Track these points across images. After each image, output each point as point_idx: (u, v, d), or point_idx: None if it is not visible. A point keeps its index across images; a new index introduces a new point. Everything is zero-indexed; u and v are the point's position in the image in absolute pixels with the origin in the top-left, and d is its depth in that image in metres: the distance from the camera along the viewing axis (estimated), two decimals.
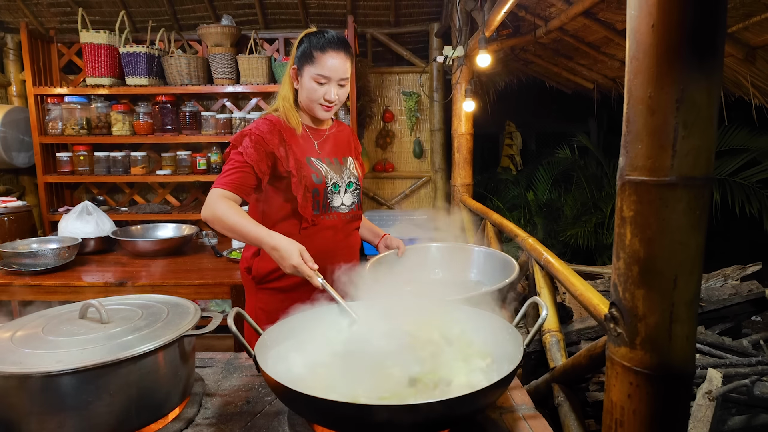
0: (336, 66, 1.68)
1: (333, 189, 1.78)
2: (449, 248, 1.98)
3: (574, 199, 5.89)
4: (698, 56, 0.92)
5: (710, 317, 2.91)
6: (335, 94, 1.72)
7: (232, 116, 4.03)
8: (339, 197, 1.80)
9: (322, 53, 1.67)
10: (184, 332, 1.12)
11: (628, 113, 1.03)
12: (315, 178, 1.74)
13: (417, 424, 0.96)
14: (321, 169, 1.77)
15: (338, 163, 1.83)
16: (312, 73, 1.69)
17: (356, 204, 1.86)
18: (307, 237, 1.73)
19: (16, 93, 4.35)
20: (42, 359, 1.01)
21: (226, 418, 1.17)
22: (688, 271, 1.01)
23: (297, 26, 4.45)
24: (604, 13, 2.97)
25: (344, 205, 1.81)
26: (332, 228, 1.80)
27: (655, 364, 1.06)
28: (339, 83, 1.72)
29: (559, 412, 1.88)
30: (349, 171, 1.85)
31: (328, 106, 1.74)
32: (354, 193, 1.85)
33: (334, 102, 1.73)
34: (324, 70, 1.68)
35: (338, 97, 1.73)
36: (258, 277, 1.81)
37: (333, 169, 1.80)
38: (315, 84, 1.70)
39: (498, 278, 1.69)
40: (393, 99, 5.04)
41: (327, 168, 1.78)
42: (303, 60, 1.71)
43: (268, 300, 1.81)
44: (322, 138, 1.84)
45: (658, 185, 0.99)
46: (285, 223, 1.77)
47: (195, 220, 4.05)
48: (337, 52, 1.69)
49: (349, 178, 1.84)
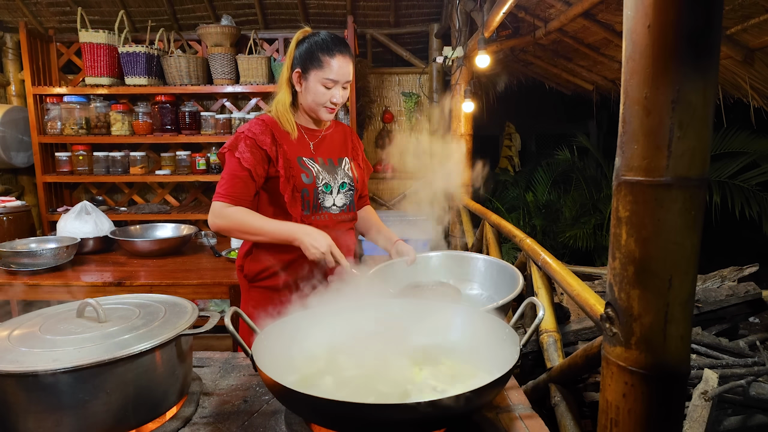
0: (344, 69, 1.71)
1: (324, 189, 1.79)
2: (449, 257, 1.93)
3: (573, 201, 5.90)
4: (694, 56, 0.93)
5: (707, 318, 2.91)
6: (340, 96, 1.74)
7: (231, 116, 4.03)
8: (331, 198, 1.80)
9: (331, 57, 1.68)
10: (181, 331, 1.13)
11: (624, 114, 1.03)
12: (305, 178, 1.75)
13: (413, 422, 0.97)
14: (312, 169, 1.77)
15: (332, 164, 1.84)
16: (320, 78, 1.70)
17: (348, 205, 1.86)
18: None
19: (15, 93, 4.35)
20: (39, 358, 1.01)
21: (223, 417, 1.18)
22: (683, 272, 1.01)
23: (297, 26, 4.45)
24: (604, 15, 2.98)
25: (335, 206, 1.82)
26: (324, 229, 1.80)
27: (650, 364, 1.06)
28: (344, 86, 1.74)
29: (555, 412, 1.89)
30: (344, 172, 1.86)
31: (333, 108, 1.76)
32: (347, 194, 1.85)
33: (339, 104, 1.75)
34: (333, 74, 1.69)
35: (342, 98, 1.76)
36: (249, 275, 1.83)
37: (326, 169, 1.81)
38: (323, 88, 1.71)
39: (500, 291, 1.65)
40: (392, 100, 5.05)
41: (319, 168, 1.79)
42: (309, 64, 1.70)
43: (259, 299, 1.83)
44: (317, 139, 1.85)
45: (653, 185, 0.99)
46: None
47: (194, 220, 4.05)
48: (344, 55, 1.71)
49: (343, 179, 1.84)
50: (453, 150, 4.43)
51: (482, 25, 3.15)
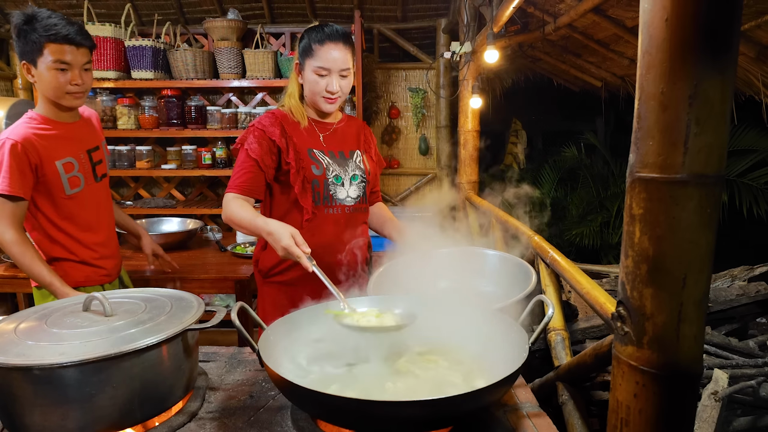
0: (335, 57, 1.69)
1: (335, 180, 1.79)
2: (459, 253, 1.85)
3: (579, 198, 5.86)
4: (712, 51, 0.91)
5: (717, 318, 2.89)
6: (337, 85, 1.72)
7: (237, 111, 4.02)
8: (344, 189, 1.80)
9: (321, 45, 1.69)
10: (187, 326, 1.12)
11: (639, 109, 1.01)
12: (315, 170, 1.75)
13: (420, 420, 0.96)
14: (322, 161, 1.78)
15: (343, 157, 1.84)
16: (312, 66, 1.71)
17: (361, 197, 1.86)
18: (310, 230, 1.75)
19: (22, 86, 4.36)
20: (45, 351, 1.00)
21: (229, 412, 1.17)
22: (698, 270, 1.00)
23: (304, 21, 4.44)
24: (614, 10, 2.95)
25: (350, 197, 1.82)
26: (336, 220, 1.80)
27: (662, 364, 1.04)
28: (340, 74, 1.72)
29: (563, 411, 1.87)
30: (355, 164, 1.85)
31: (331, 98, 1.75)
32: (360, 185, 1.85)
33: (336, 93, 1.73)
34: (322, 61, 1.69)
35: (341, 88, 1.74)
36: (263, 270, 1.83)
37: (336, 161, 1.81)
38: (316, 76, 1.71)
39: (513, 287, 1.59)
40: (399, 95, 5.02)
41: (329, 160, 1.79)
42: (304, 54, 1.73)
43: (274, 294, 1.82)
44: (328, 131, 1.85)
45: (668, 183, 0.97)
46: (289, 215, 1.78)
47: (200, 215, 4.05)
48: (335, 43, 1.69)
49: (354, 171, 1.84)
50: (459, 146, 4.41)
51: (491, 20, 3.12)
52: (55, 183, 1.86)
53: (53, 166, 1.85)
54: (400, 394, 1.09)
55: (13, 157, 1.76)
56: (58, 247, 1.92)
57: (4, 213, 1.77)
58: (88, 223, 1.98)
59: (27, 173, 1.79)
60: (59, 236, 1.92)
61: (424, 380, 1.15)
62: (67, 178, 1.89)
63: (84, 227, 1.97)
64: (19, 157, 1.77)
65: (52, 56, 1.76)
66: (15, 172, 1.76)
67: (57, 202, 1.89)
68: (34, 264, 1.80)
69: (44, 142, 1.84)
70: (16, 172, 1.76)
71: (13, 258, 1.82)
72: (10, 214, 1.78)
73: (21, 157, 1.77)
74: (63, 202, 1.90)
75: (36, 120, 1.88)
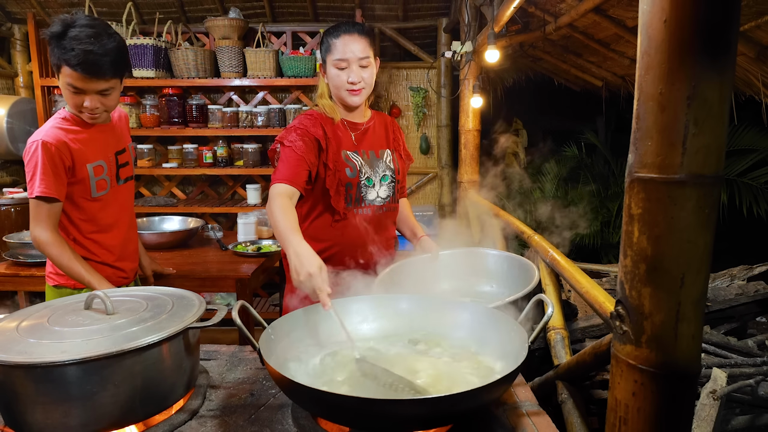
0: (351, 47, 1.70)
1: (366, 183, 1.79)
2: (461, 254, 1.88)
3: (580, 198, 5.86)
4: (711, 52, 0.91)
5: (716, 317, 2.89)
6: (358, 75, 1.72)
7: (238, 110, 4.03)
8: (374, 191, 1.81)
9: (337, 39, 1.72)
10: (188, 324, 1.12)
11: (638, 110, 1.02)
12: (349, 173, 1.75)
13: (420, 418, 0.96)
14: (356, 163, 1.78)
15: (374, 157, 1.84)
16: (332, 61, 1.73)
17: (391, 197, 1.86)
18: (339, 229, 1.77)
19: (23, 84, 4.36)
20: (47, 349, 1.01)
21: (230, 410, 1.18)
22: (696, 270, 1.00)
23: (305, 20, 4.44)
24: (615, 10, 2.95)
25: (380, 197, 1.83)
26: (365, 221, 1.80)
27: (660, 363, 1.05)
28: (360, 64, 1.72)
29: (562, 410, 1.88)
30: (385, 164, 1.85)
31: (354, 90, 1.74)
32: (390, 186, 1.85)
33: (358, 84, 1.73)
34: (340, 53, 1.71)
35: (363, 79, 1.73)
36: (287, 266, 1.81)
37: (368, 163, 1.81)
38: (337, 70, 1.73)
39: (515, 286, 1.60)
40: (400, 94, 5.02)
41: (362, 161, 1.79)
42: (324, 53, 1.77)
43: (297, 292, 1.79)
44: (359, 131, 1.84)
45: (667, 183, 0.98)
46: (318, 215, 1.79)
47: (201, 214, 4.06)
48: (350, 34, 1.71)
49: (384, 172, 1.84)
50: (460, 145, 4.41)
51: (492, 20, 3.12)
52: (84, 185, 1.86)
53: (84, 169, 1.85)
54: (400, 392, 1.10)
55: (47, 158, 1.75)
56: (79, 248, 1.91)
57: (41, 215, 1.78)
58: (107, 224, 1.98)
59: (61, 175, 1.79)
60: (79, 237, 1.92)
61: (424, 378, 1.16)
62: (95, 181, 1.88)
63: (104, 228, 1.97)
64: (53, 158, 1.76)
65: (65, 78, 1.72)
66: (50, 173, 1.76)
67: (81, 204, 1.89)
68: (72, 264, 1.80)
69: (76, 144, 1.83)
70: (51, 173, 1.76)
71: (51, 259, 1.82)
72: (47, 215, 1.78)
73: (55, 159, 1.77)
74: (87, 204, 1.90)
75: (68, 121, 1.86)
